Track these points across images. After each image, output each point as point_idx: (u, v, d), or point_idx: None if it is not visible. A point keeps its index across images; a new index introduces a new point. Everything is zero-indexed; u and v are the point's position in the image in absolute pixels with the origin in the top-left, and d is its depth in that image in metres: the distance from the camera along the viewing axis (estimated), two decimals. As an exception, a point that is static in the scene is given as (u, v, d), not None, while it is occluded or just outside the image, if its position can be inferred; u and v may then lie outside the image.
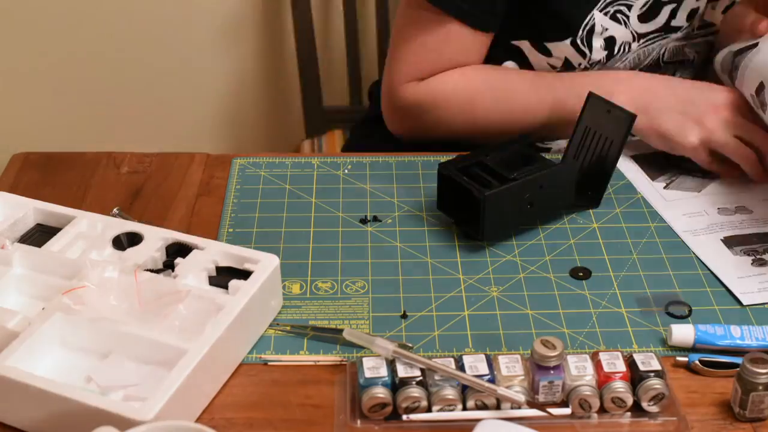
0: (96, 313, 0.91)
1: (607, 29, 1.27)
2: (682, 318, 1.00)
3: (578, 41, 1.27)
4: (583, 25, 1.26)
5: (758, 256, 1.08)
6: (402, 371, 0.88)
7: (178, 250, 1.00)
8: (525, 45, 1.30)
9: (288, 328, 0.98)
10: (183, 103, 1.94)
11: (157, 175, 1.22)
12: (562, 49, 1.28)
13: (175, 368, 0.85)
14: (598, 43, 1.28)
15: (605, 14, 1.27)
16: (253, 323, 0.96)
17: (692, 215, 1.15)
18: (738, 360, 0.91)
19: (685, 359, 0.94)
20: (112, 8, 1.82)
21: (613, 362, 0.89)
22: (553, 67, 1.30)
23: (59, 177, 1.22)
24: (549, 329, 0.99)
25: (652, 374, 0.88)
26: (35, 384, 0.84)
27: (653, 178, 1.21)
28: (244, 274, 0.97)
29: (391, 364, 0.89)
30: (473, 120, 1.28)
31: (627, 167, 1.23)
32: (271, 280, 0.97)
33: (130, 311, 0.92)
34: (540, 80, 1.27)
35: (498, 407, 0.87)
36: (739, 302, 1.02)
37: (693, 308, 1.01)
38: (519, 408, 0.87)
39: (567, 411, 0.88)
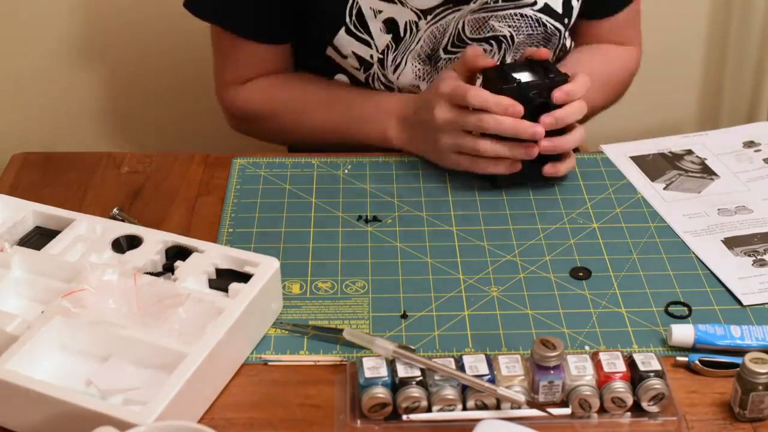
0: (95, 317, 0.91)
1: (381, 11, 1.24)
2: (681, 318, 1.00)
3: (353, 29, 1.25)
4: (347, 12, 1.24)
5: (759, 257, 1.08)
6: (402, 371, 0.88)
7: (177, 253, 1.00)
8: (331, 52, 1.29)
9: (289, 326, 0.98)
10: (183, 103, 1.93)
11: (157, 175, 1.22)
12: (344, 42, 1.26)
13: (175, 372, 0.85)
14: (376, 26, 1.24)
15: None
16: (253, 326, 0.96)
17: (692, 216, 1.15)
18: (738, 360, 0.91)
19: (685, 359, 0.94)
20: (113, 8, 1.82)
21: (613, 362, 0.89)
22: (357, 69, 1.29)
23: (59, 177, 1.22)
24: (549, 329, 0.99)
25: (652, 374, 0.88)
26: (35, 388, 0.84)
27: (653, 179, 1.21)
28: (245, 277, 0.96)
29: (391, 364, 0.89)
30: (277, 130, 1.34)
31: (626, 168, 1.23)
32: (272, 283, 0.97)
33: (129, 314, 0.92)
34: (333, 100, 1.29)
35: (498, 407, 0.87)
36: (739, 302, 1.02)
37: (693, 308, 1.01)
38: (519, 408, 0.87)
39: (567, 411, 0.88)
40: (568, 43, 1.35)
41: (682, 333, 0.96)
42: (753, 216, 1.15)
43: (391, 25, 1.25)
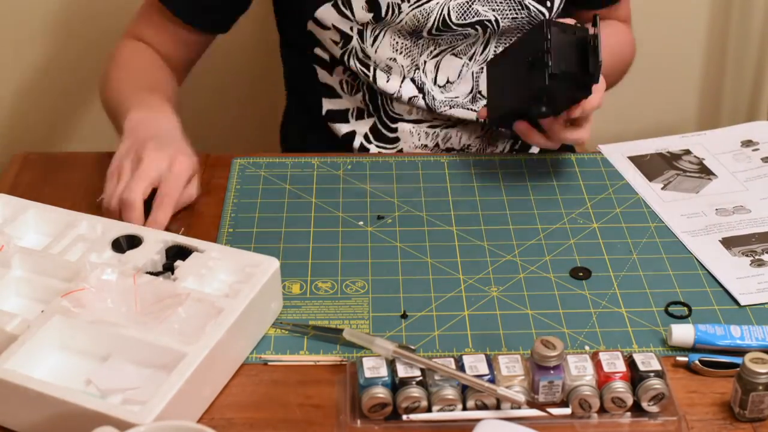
0: (95, 316, 0.91)
1: None
2: (681, 318, 1.00)
3: (339, 4, 1.25)
4: None
5: (757, 257, 1.08)
6: (402, 371, 0.88)
7: (177, 253, 1.00)
8: (312, 26, 1.30)
9: (289, 326, 0.98)
10: (183, 103, 1.93)
11: (157, 176, 1.22)
12: (327, 15, 1.26)
13: (174, 371, 0.85)
14: (359, 4, 1.25)
15: None
16: (253, 326, 0.96)
17: (690, 216, 1.15)
18: (738, 360, 0.91)
19: (685, 359, 0.94)
20: (113, 8, 1.82)
21: (613, 362, 0.89)
22: (336, 43, 1.29)
23: (59, 177, 1.22)
24: (549, 329, 0.99)
25: (652, 374, 0.88)
26: (34, 387, 0.84)
27: (651, 179, 1.21)
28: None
29: (391, 364, 0.89)
30: (101, 85, 1.34)
31: (624, 168, 1.23)
32: (272, 282, 0.97)
33: (129, 314, 0.92)
34: (136, 95, 1.27)
35: (498, 407, 0.87)
36: (737, 303, 1.02)
37: (693, 308, 1.01)
38: (519, 408, 0.87)
39: (567, 411, 0.88)
40: None
41: (682, 333, 0.96)
42: (751, 216, 1.15)
43: (372, 4, 1.25)
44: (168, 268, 0.99)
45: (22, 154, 1.26)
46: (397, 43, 1.28)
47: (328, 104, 1.36)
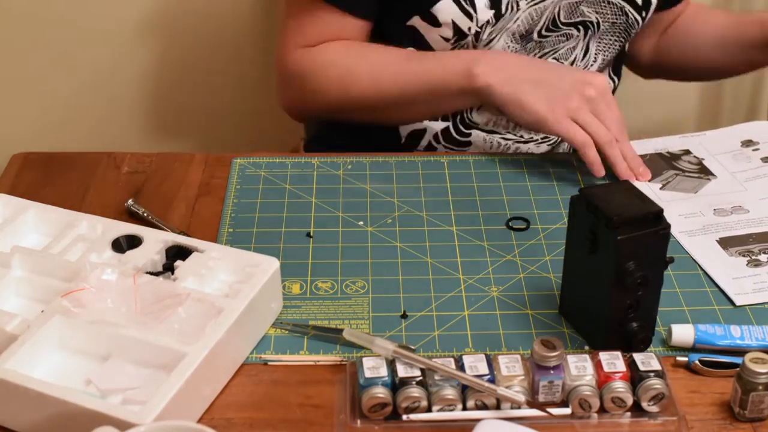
0: (95, 316, 0.91)
1: None
2: (521, 230, 1.09)
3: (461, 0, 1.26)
4: None
5: (753, 257, 1.08)
6: (402, 371, 0.88)
7: (177, 253, 1.00)
8: (417, 22, 1.29)
9: (289, 326, 0.98)
10: (183, 103, 1.93)
11: (157, 175, 1.22)
12: (447, 10, 1.25)
13: (174, 372, 0.85)
14: (481, 1, 1.25)
15: None
16: (253, 326, 0.96)
17: (688, 216, 1.15)
18: (738, 360, 0.91)
19: (685, 359, 0.94)
20: (112, 8, 1.82)
21: (613, 362, 0.89)
22: (446, 40, 1.28)
23: (59, 177, 1.22)
24: (549, 329, 0.99)
25: (652, 374, 0.88)
26: (34, 387, 0.84)
27: (649, 179, 1.21)
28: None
29: (391, 364, 0.89)
30: (346, 89, 1.29)
31: (626, 167, 1.23)
32: (272, 282, 0.97)
33: (129, 314, 0.92)
34: (412, 55, 1.28)
35: (498, 407, 0.87)
36: (732, 303, 1.02)
37: (693, 308, 1.01)
38: (519, 408, 0.87)
39: (567, 411, 0.88)
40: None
41: (682, 333, 0.96)
42: (749, 216, 1.15)
43: (495, 1, 1.25)
44: (168, 268, 0.99)
45: (22, 154, 1.26)
46: (508, 47, 1.30)
47: None
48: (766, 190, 1.19)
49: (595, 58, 1.36)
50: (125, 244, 1.01)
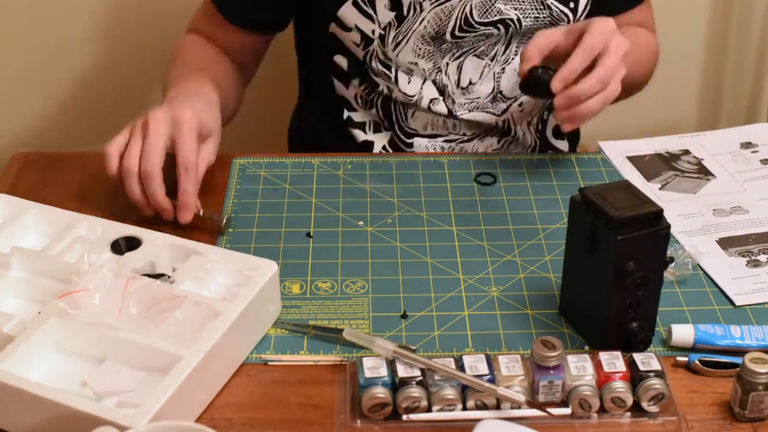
0: (92, 318, 0.91)
1: None
2: (488, 185, 1.12)
3: (359, 1, 1.25)
4: None
5: (753, 257, 1.08)
6: (402, 371, 0.88)
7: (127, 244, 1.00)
8: (334, 28, 1.29)
9: (289, 326, 0.98)
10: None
11: (157, 176, 1.22)
12: (349, 14, 1.26)
13: (169, 375, 0.85)
14: (381, 3, 1.25)
15: None
16: (250, 329, 0.96)
17: (687, 216, 1.15)
18: (738, 360, 0.91)
19: (685, 359, 0.94)
20: (113, 8, 1.82)
21: (613, 362, 0.89)
22: (357, 45, 1.29)
23: (59, 177, 1.22)
24: (549, 329, 0.99)
25: (652, 374, 0.88)
26: (28, 389, 0.84)
27: (649, 179, 1.21)
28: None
29: (391, 364, 0.88)
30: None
31: (623, 168, 1.23)
32: (270, 285, 0.96)
33: (126, 316, 0.92)
34: (182, 80, 1.25)
35: (498, 407, 0.87)
36: (732, 303, 1.02)
37: (693, 308, 1.01)
38: (519, 408, 0.87)
39: (567, 411, 0.88)
40: None
41: (682, 333, 0.96)
42: (748, 216, 1.15)
43: (395, 2, 1.25)
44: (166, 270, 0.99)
45: (22, 154, 1.26)
46: (419, 48, 1.28)
47: (347, 113, 1.37)
48: (765, 191, 1.19)
49: (516, 51, 1.31)
50: (124, 245, 1.01)
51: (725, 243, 1.10)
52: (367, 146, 1.36)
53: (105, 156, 1.09)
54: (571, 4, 1.29)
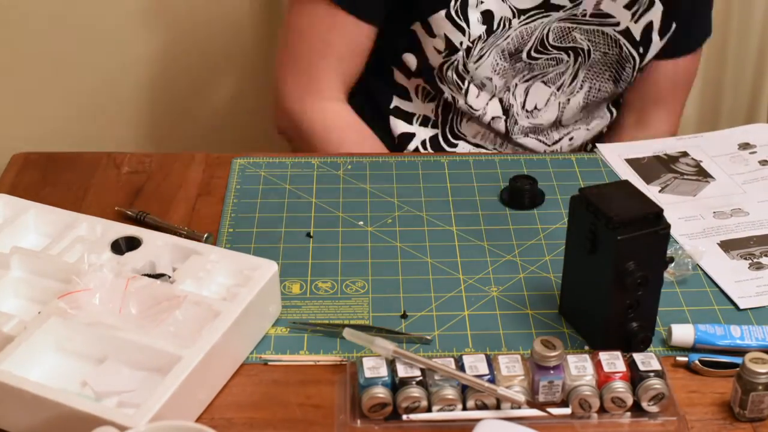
0: (92, 318, 0.91)
1: (482, 2, 1.27)
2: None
3: (452, 13, 1.27)
4: None
5: (755, 260, 1.08)
6: (402, 371, 0.88)
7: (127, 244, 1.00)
8: (417, 28, 1.31)
9: (290, 325, 0.98)
10: (183, 103, 1.93)
11: (157, 175, 1.22)
12: (440, 23, 1.28)
13: (169, 375, 0.85)
14: (474, 16, 1.27)
15: None
16: (250, 329, 0.95)
17: (688, 219, 1.15)
18: (738, 360, 0.91)
19: (685, 359, 0.94)
20: (113, 8, 1.82)
21: (613, 362, 0.89)
22: (439, 52, 1.30)
23: (59, 177, 1.22)
24: (549, 329, 0.99)
25: (652, 374, 0.88)
26: (28, 389, 0.84)
27: (648, 182, 1.21)
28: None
29: (391, 364, 0.88)
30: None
31: (622, 171, 1.23)
32: (270, 286, 0.96)
33: (126, 316, 0.92)
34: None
35: (498, 407, 0.87)
36: (736, 306, 1.02)
37: (693, 308, 1.01)
38: (519, 408, 0.87)
39: (567, 411, 0.88)
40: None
41: (682, 333, 0.96)
42: (749, 219, 1.15)
43: (486, 16, 1.27)
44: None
45: (22, 154, 1.26)
46: (497, 63, 1.31)
47: (396, 101, 1.38)
48: (764, 192, 1.19)
49: (582, 85, 1.37)
50: (124, 245, 1.01)
51: (727, 246, 1.10)
52: (403, 140, 1.37)
53: None
54: (641, 50, 1.35)
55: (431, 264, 1.07)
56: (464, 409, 0.87)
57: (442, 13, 1.27)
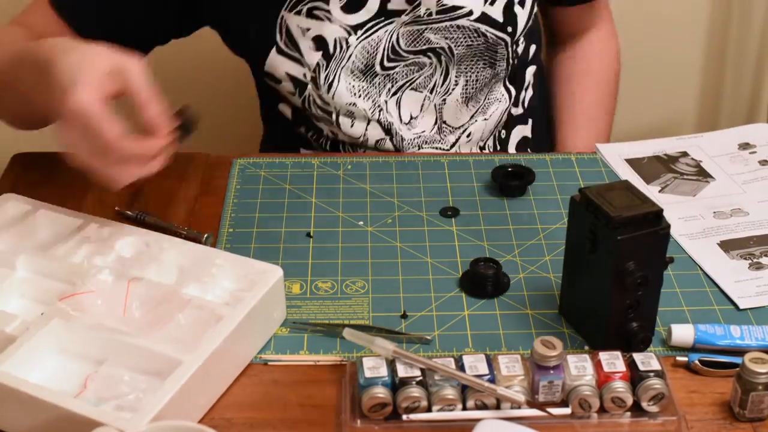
0: (94, 320, 0.91)
1: (309, 29, 1.22)
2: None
3: (283, 47, 1.23)
4: (277, 30, 1.22)
5: (755, 260, 1.08)
6: (402, 371, 0.88)
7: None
8: (269, 81, 1.28)
9: (290, 325, 0.98)
10: (183, 103, 1.93)
11: (157, 175, 1.21)
12: (276, 62, 1.24)
13: (168, 379, 0.84)
14: (306, 45, 1.22)
15: (298, 14, 1.21)
16: (253, 334, 0.95)
17: (688, 219, 1.15)
18: (738, 360, 0.91)
19: (685, 359, 0.94)
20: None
21: (613, 362, 0.89)
22: (292, 94, 1.27)
23: (59, 177, 1.22)
24: (549, 329, 0.99)
25: (652, 374, 0.88)
26: (27, 391, 0.84)
27: (648, 182, 1.21)
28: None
29: (391, 364, 0.89)
30: None
31: (622, 171, 1.23)
32: (274, 291, 0.96)
33: (128, 319, 0.92)
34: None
35: (498, 407, 0.87)
36: (736, 306, 1.02)
37: (693, 308, 1.01)
38: (519, 408, 0.87)
39: (567, 411, 0.88)
40: (520, 49, 1.31)
41: (682, 333, 0.96)
42: (749, 219, 1.15)
43: (320, 42, 1.22)
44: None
45: (23, 154, 1.26)
46: (353, 87, 1.25)
47: (304, 150, 1.37)
48: (764, 192, 1.19)
49: (457, 81, 1.28)
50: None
51: (727, 246, 1.10)
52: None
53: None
54: (509, 29, 1.26)
55: (431, 264, 1.07)
56: (464, 409, 0.87)
57: (274, 50, 1.23)
